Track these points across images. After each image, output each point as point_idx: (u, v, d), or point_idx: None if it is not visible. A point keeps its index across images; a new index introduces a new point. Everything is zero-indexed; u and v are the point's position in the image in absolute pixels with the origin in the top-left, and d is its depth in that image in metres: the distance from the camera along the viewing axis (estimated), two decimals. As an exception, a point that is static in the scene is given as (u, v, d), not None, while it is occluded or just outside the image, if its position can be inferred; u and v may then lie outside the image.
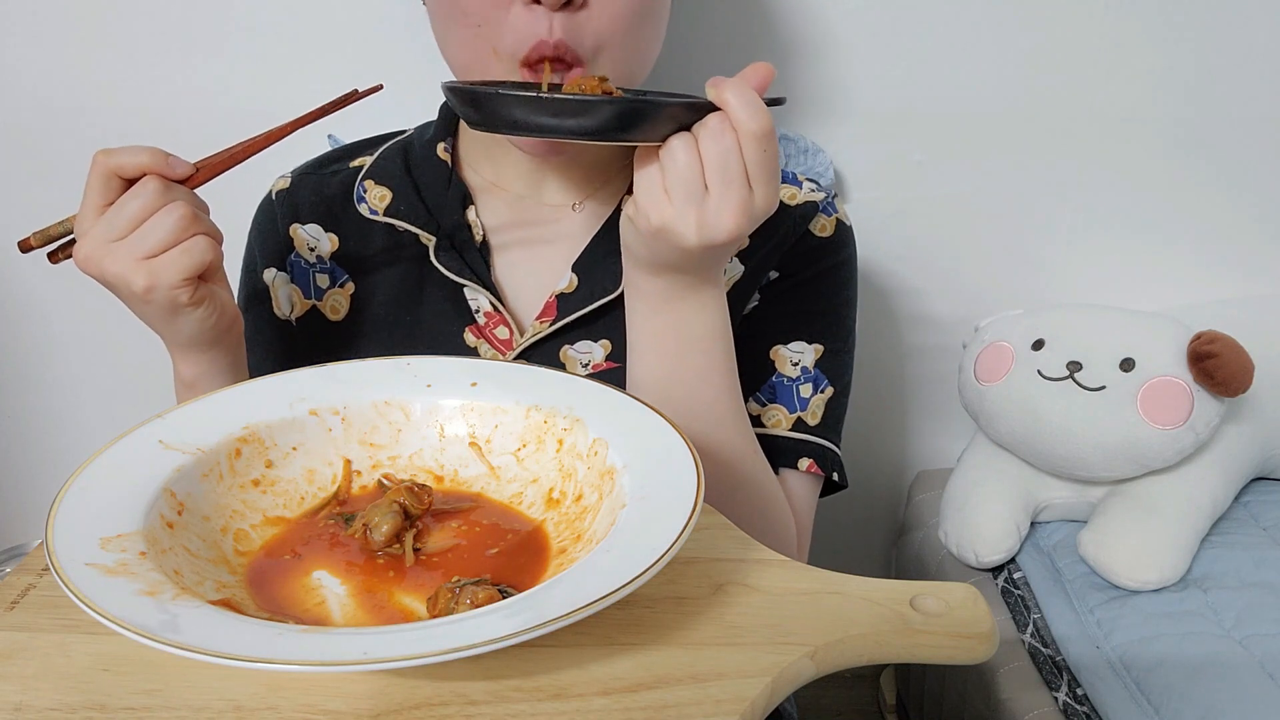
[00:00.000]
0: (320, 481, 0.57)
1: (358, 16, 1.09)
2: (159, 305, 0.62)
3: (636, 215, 0.60)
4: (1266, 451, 1.16)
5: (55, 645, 0.46)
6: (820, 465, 0.79)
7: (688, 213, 0.57)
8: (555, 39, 0.66)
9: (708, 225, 0.58)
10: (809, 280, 0.80)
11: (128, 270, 0.60)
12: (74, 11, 1.08)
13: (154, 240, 0.61)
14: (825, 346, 0.80)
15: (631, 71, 0.71)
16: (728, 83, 0.58)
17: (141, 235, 0.61)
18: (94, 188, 0.62)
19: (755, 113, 0.57)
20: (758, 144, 0.57)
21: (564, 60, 0.67)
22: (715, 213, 0.57)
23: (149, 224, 0.61)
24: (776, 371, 0.79)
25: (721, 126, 0.57)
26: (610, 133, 0.56)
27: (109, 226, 0.61)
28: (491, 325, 0.77)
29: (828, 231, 0.81)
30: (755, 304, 0.80)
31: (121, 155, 0.62)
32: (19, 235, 0.66)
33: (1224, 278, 1.26)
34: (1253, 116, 1.18)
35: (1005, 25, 1.13)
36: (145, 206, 0.61)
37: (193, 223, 0.61)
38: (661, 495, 0.48)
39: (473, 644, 0.38)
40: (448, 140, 0.81)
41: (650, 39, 0.72)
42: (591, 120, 0.56)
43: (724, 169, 0.57)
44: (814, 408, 0.80)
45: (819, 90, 1.15)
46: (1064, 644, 1.00)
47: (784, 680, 0.45)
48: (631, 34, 0.68)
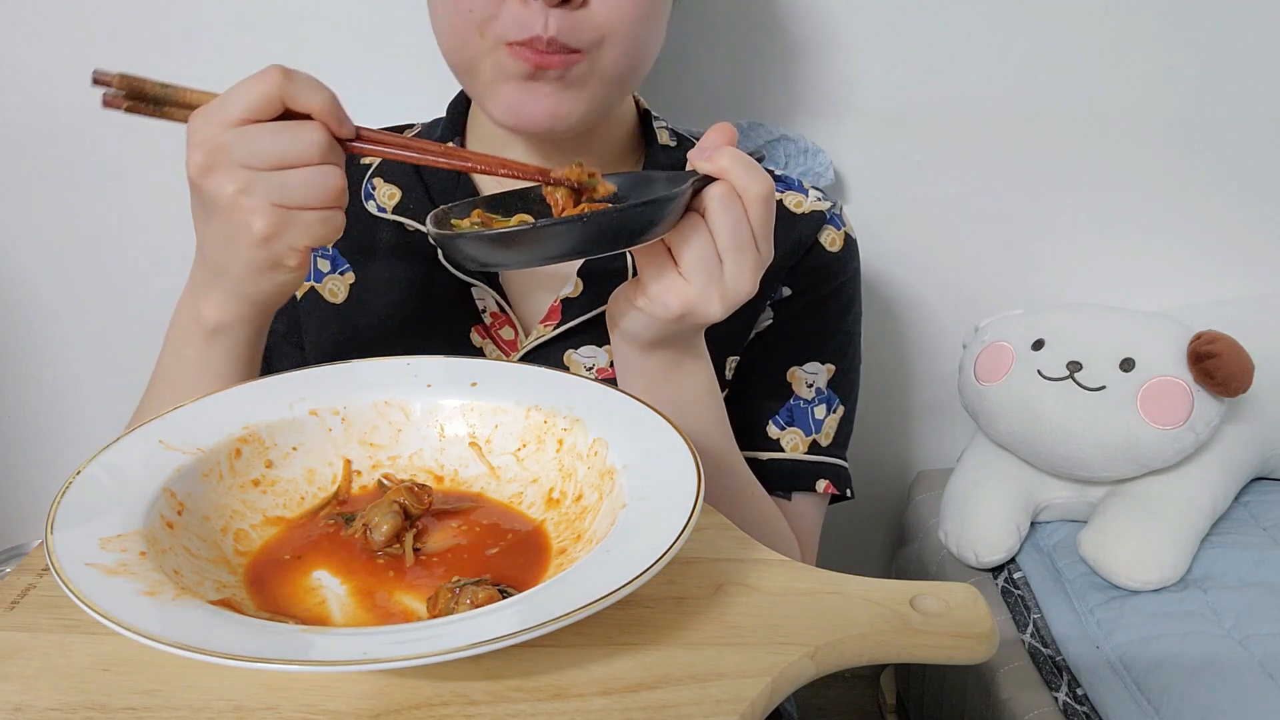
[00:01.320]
0: (320, 481, 0.57)
1: (358, 16, 1.09)
2: (263, 254, 0.55)
3: (650, 304, 0.60)
4: (1266, 451, 1.16)
5: (55, 645, 0.46)
6: (835, 484, 0.81)
7: (710, 291, 0.58)
8: (550, 35, 0.64)
9: (729, 295, 0.59)
10: (822, 299, 0.81)
11: (256, 209, 0.53)
12: (74, 11, 1.08)
13: (303, 195, 0.54)
14: (837, 366, 0.82)
15: (631, 67, 0.70)
16: (720, 152, 0.58)
17: (291, 182, 0.54)
18: (250, 98, 0.53)
19: (757, 175, 0.57)
20: (763, 205, 0.58)
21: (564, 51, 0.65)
22: (734, 281, 0.58)
23: (304, 175, 0.54)
24: (794, 394, 0.80)
25: (728, 196, 0.57)
26: (625, 240, 0.55)
27: (250, 149, 0.53)
28: (497, 326, 0.77)
29: (837, 246, 0.81)
30: (769, 322, 0.81)
31: (301, 84, 0.54)
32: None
33: (1224, 278, 1.26)
34: (1253, 116, 1.18)
35: (1005, 25, 1.13)
36: (302, 154, 0.54)
37: (342, 194, 0.56)
38: (661, 495, 0.48)
39: (473, 644, 0.38)
40: (455, 140, 0.81)
41: (651, 36, 0.71)
42: (603, 237, 0.54)
43: (736, 237, 0.58)
44: (827, 428, 0.82)
45: (819, 90, 1.15)
46: (1064, 644, 1.00)
47: (784, 680, 0.45)
48: (632, 30, 0.67)
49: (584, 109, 0.69)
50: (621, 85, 0.71)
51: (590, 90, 0.68)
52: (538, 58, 0.65)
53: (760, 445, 0.80)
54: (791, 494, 0.81)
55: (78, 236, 1.16)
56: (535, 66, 0.65)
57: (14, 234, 1.16)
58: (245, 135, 0.54)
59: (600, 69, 0.68)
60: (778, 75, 1.15)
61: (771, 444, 0.80)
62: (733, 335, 0.79)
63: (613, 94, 0.71)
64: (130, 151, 1.13)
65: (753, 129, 1.11)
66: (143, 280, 1.18)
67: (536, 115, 0.68)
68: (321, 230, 0.55)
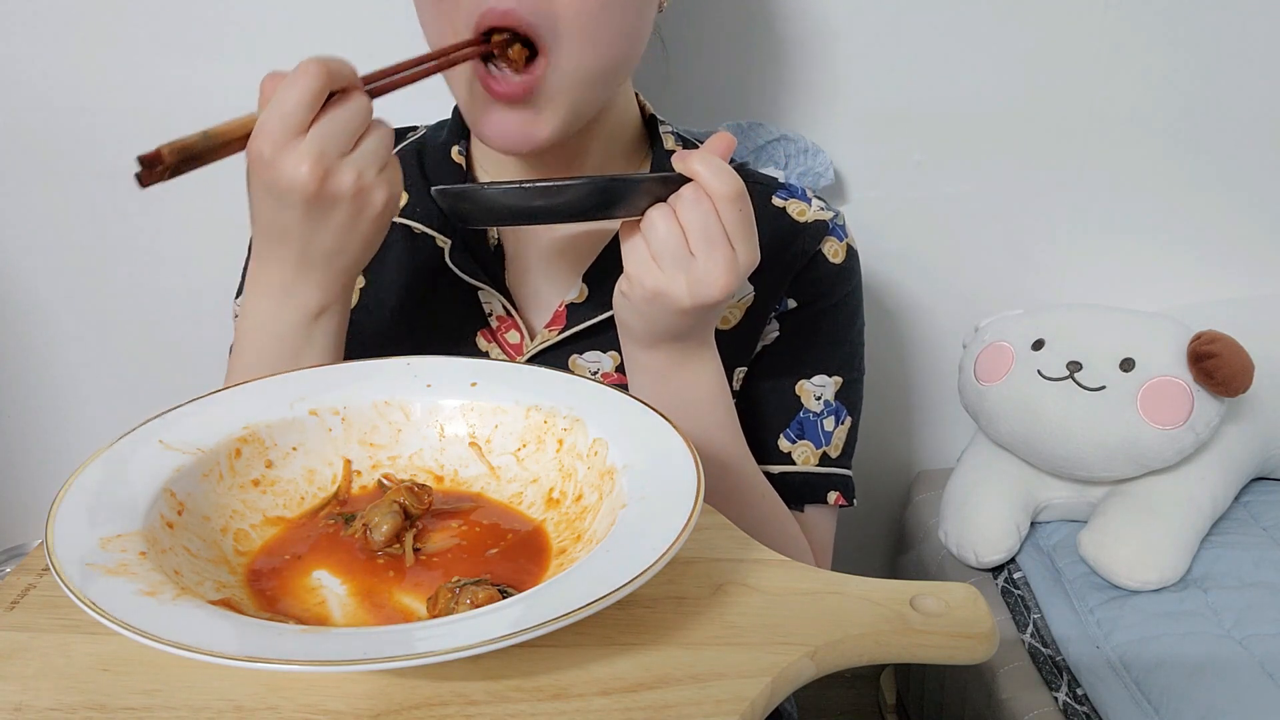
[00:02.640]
0: (320, 481, 0.57)
1: (358, 16, 1.09)
2: (386, 221, 0.61)
3: (630, 286, 0.63)
4: (1266, 451, 1.16)
5: (55, 645, 0.46)
6: (845, 495, 0.82)
7: (677, 277, 0.61)
8: (504, 8, 0.64)
9: (698, 285, 0.61)
10: (827, 311, 0.81)
11: (374, 186, 0.59)
12: (74, 11, 1.08)
13: (383, 153, 0.60)
14: (844, 378, 0.82)
15: (602, 65, 0.68)
16: (693, 154, 0.61)
17: (373, 149, 0.59)
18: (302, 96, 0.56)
19: (725, 177, 0.60)
20: (732, 205, 0.60)
21: (522, 36, 0.65)
22: (704, 273, 0.60)
23: (373, 138, 0.59)
24: (803, 406, 0.81)
25: (696, 194, 0.60)
26: (591, 211, 0.61)
27: (338, 142, 0.58)
28: (504, 330, 0.78)
29: (840, 258, 0.82)
30: (775, 335, 0.81)
31: (336, 66, 0.58)
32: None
33: (1224, 278, 1.26)
34: (1253, 116, 1.18)
35: (1005, 25, 1.13)
36: (365, 120, 0.59)
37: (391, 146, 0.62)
38: (661, 495, 0.48)
39: (473, 644, 0.38)
40: (461, 143, 0.81)
41: (616, 32, 0.68)
42: (570, 200, 0.60)
43: (705, 232, 0.60)
44: (836, 440, 0.82)
45: (819, 90, 1.15)
46: (1064, 644, 1.00)
47: (784, 680, 0.45)
48: (593, 20, 0.66)
49: (559, 121, 0.69)
50: (595, 85, 0.69)
51: (561, 101, 0.68)
52: (500, 88, 0.67)
53: (771, 458, 0.80)
54: (804, 506, 0.82)
55: (78, 236, 1.17)
56: (496, 97, 0.67)
57: (14, 234, 1.16)
58: (326, 133, 0.57)
59: (566, 72, 0.67)
60: (778, 75, 1.15)
61: (783, 457, 0.81)
62: (739, 347, 0.79)
63: (589, 96, 0.70)
64: (130, 151, 1.12)
65: (753, 129, 1.11)
66: (143, 280, 1.18)
67: (511, 140, 0.69)
68: (398, 173, 0.62)
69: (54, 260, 1.18)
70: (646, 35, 0.73)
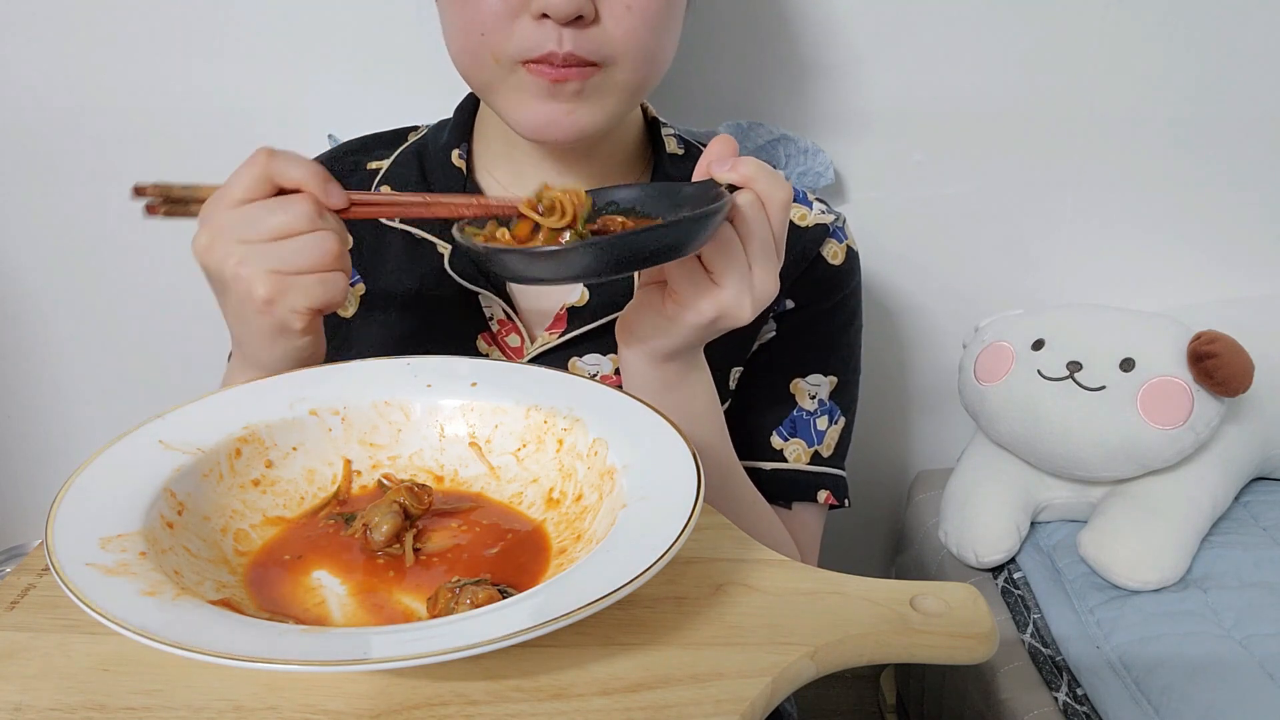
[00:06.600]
0: (320, 481, 0.57)
1: (358, 16, 1.09)
2: (269, 320, 0.58)
3: (683, 311, 0.61)
4: (1266, 451, 1.16)
5: (55, 645, 0.46)
6: (835, 495, 0.83)
7: (743, 296, 0.60)
8: (565, 51, 0.65)
9: (757, 297, 0.61)
10: (825, 312, 0.82)
11: (255, 277, 0.57)
12: (74, 11, 1.08)
13: (297, 261, 0.57)
14: (839, 378, 0.83)
15: (645, 79, 0.71)
16: (742, 161, 0.60)
17: (284, 251, 0.57)
18: (243, 182, 0.58)
19: (780, 184, 0.60)
20: (784, 211, 0.61)
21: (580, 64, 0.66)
22: (761, 284, 0.61)
23: (296, 243, 0.57)
24: (797, 405, 0.81)
25: (756, 205, 0.60)
26: (667, 254, 0.55)
27: (247, 226, 0.57)
28: (504, 333, 0.78)
29: (840, 260, 0.82)
30: (772, 334, 0.81)
31: (285, 163, 0.58)
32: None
33: (1224, 278, 1.26)
34: (1253, 116, 1.18)
35: (1005, 25, 1.13)
36: (292, 224, 0.57)
37: (338, 259, 0.58)
38: (661, 495, 0.48)
39: (473, 644, 0.38)
40: (462, 146, 0.81)
41: (665, 48, 0.71)
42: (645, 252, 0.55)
43: (763, 243, 0.60)
44: (829, 439, 0.83)
45: (819, 90, 1.15)
46: (1064, 644, 1.00)
47: (784, 680, 0.45)
48: (645, 45, 0.68)
49: (602, 119, 0.70)
50: (635, 96, 0.72)
51: (606, 101, 0.69)
52: (555, 73, 0.66)
53: (763, 455, 0.81)
54: (792, 503, 0.82)
55: (78, 236, 1.16)
56: (553, 81, 0.67)
57: (14, 234, 1.16)
58: (241, 213, 0.57)
59: (616, 83, 0.69)
60: (778, 75, 1.15)
61: (775, 454, 0.81)
62: (737, 346, 0.79)
63: (626, 104, 0.72)
64: (130, 151, 1.13)
65: (753, 129, 1.11)
66: (143, 280, 1.18)
67: (560, 128, 0.69)
68: (320, 292, 0.58)
69: (53, 260, 1.18)
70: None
